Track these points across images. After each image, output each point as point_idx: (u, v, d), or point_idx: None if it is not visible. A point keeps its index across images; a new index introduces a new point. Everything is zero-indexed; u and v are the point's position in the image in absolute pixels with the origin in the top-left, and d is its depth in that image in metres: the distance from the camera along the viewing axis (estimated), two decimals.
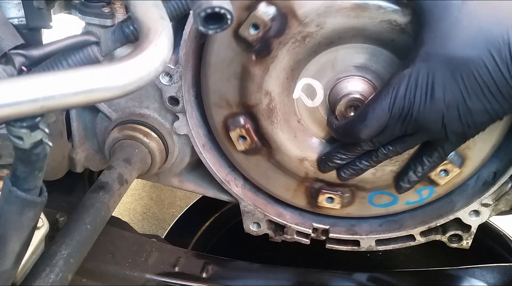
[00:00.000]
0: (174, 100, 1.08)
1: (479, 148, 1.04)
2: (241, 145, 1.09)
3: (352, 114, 0.98)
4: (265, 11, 0.93)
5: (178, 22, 0.95)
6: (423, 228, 1.18)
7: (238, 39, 0.97)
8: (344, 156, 1.02)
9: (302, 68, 1.00)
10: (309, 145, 1.09)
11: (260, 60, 0.98)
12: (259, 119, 1.05)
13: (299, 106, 1.04)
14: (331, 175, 1.11)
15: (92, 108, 1.18)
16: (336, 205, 1.15)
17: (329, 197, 1.15)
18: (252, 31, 0.94)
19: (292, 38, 0.95)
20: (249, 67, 0.99)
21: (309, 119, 1.06)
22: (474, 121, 0.86)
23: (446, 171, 1.06)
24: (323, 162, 1.06)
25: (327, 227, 1.23)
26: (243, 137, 1.08)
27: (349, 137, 0.96)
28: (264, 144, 1.09)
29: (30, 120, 0.53)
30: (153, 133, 1.13)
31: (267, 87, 1.01)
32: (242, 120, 1.06)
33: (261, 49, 0.97)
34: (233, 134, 1.08)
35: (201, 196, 1.62)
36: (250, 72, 1.00)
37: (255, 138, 1.08)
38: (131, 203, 2.42)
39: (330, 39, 0.95)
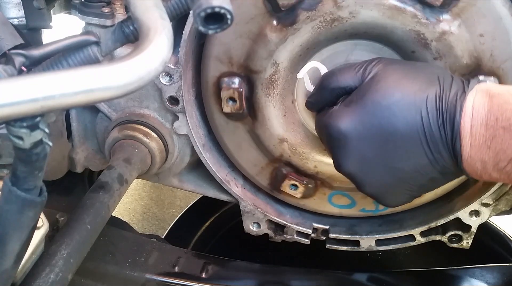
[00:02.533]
0: (174, 100, 1.08)
1: None
2: (228, 107, 1.05)
3: None
4: None
5: (178, 22, 0.95)
6: (423, 228, 1.18)
7: None
8: None
9: (317, 50, 0.98)
10: (294, 129, 1.08)
11: (280, 28, 0.96)
12: (256, 87, 1.03)
13: (299, 87, 1.03)
14: (304, 164, 1.11)
15: (92, 108, 1.18)
16: (297, 194, 1.15)
17: (293, 184, 1.14)
18: None
19: (321, 17, 0.93)
20: (267, 31, 0.96)
21: (303, 103, 1.04)
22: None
23: None
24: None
25: (327, 227, 1.23)
26: (233, 100, 1.04)
27: None
28: (250, 113, 1.07)
29: (30, 120, 0.53)
30: (153, 133, 1.13)
31: (277, 57, 0.99)
32: (237, 82, 1.03)
33: (286, 17, 0.94)
34: (224, 94, 1.03)
35: (201, 196, 1.62)
36: (266, 36, 0.97)
37: (245, 104, 1.05)
38: (131, 203, 2.42)
39: (356, 30, 0.94)
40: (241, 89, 1.03)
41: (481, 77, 0.95)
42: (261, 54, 0.99)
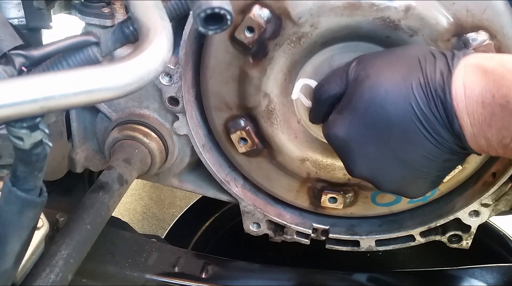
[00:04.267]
0: (174, 100, 1.08)
1: None
2: (242, 147, 1.09)
3: None
4: (259, 13, 0.93)
5: (178, 22, 0.95)
6: (423, 228, 1.18)
7: (234, 42, 0.97)
8: None
9: (299, 69, 1.00)
10: (310, 146, 1.09)
11: (257, 62, 0.99)
12: (259, 121, 1.06)
13: (299, 106, 1.04)
14: (333, 175, 1.11)
15: (92, 109, 1.18)
16: (339, 205, 1.15)
17: (331, 197, 1.15)
18: (248, 34, 0.94)
19: (288, 39, 0.95)
20: (247, 70, 1.00)
21: (308, 119, 1.05)
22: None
23: None
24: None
25: (327, 227, 1.23)
26: (244, 139, 1.08)
27: None
28: (265, 146, 1.09)
29: (30, 121, 0.53)
30: (153, 133, 1.13)
31: (265, 89, 1.01)
32: (242, 123, 1.07)
33: (258, 51, 0.97)
34: (234, 137, 1.08)
35: (201, 196, 1.62)
36: (248, 74, 1.00)
37: (256, 140, 1.08)
38: (131, 203, 2.42)
39: (325, 38, 0.95)
40: (247, 128, 1.07)
41: (469, 35, 0.92)
42: (250, 91, 1.02)
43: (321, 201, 1.15)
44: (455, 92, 0.78)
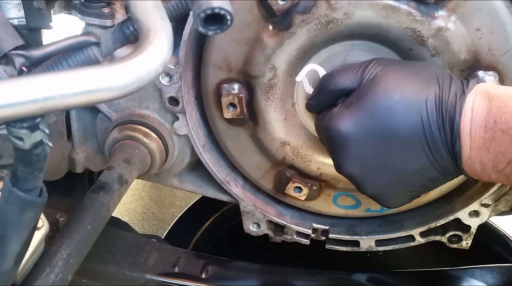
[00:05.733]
0: (174, 101, 1.08)
1: None
2: (228, 113, 1.06)
3: None
4: None
5: (178, 22, 0.95)
6: (423, 228, 1.18)
7: (261, 5, 0.94)
8: None
9: (315, 52, 0.99)
10: (296, 132, 1.08)
11: (276, 33, 0.96)
12: (255, 92, 1.03)
13: (298, 90, 1.03)
14: (307, 166, 1.11)
15: (92, 109, 1.18)
16: (302, 196, 1.15)
17: (297, 187, 1.14)
18: (280, 1, 0.92)
19: (316, 19, 0.94)
20: (263, 37, 0.97)
21: (303, 105, 1.04)
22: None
23: None
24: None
25: (327, 227, 1.23)
26: (233, 105, 1.05)
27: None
28: (251, 119, 1.07)
29: (30, 121, 0.53)
30: (153, 134, 1.13)
31: (275, 62, 0.99)
32: (237, 88, 1.04)
33: (282, 21, 0.95)
34: (224, 100, 1.04)
35: (201, 196, 1.62)
36: (263, 41, 0.97)
37: (245, 109, 1.06)
38: (131, 203, 2.42)
39: (352, 31, 0.95)
40: (241, 95, 1.04)
41: (480, 72, 0.94)
42: (259, 59, 0.99)
43: (286, 188, 1.15)
44: (464, 114, 0.80)
